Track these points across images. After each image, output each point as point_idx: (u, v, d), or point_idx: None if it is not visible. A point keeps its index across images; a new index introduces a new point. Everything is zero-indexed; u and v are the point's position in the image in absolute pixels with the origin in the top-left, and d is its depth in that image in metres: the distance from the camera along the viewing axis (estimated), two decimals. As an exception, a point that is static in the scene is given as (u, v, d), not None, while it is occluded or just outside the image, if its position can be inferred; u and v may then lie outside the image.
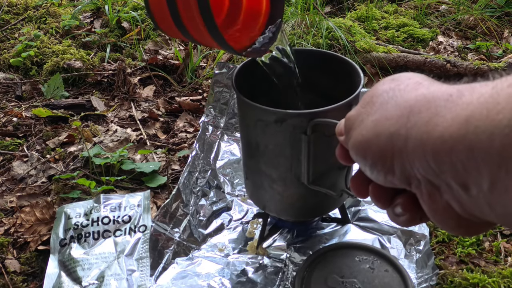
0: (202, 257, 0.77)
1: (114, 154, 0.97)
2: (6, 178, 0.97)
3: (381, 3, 1.64)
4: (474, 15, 1.51)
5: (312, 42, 1.30)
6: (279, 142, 0.65)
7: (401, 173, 0.35)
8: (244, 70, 0.72)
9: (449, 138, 0.30)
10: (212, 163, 0.96)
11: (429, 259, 0.73)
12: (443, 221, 0.35)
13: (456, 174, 0.30)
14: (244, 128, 0.70)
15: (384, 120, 0.35)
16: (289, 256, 0.77)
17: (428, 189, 0.34)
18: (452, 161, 0.30)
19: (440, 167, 0.31)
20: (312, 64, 0.77)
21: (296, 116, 0.62)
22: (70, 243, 0.78)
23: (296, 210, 0.74)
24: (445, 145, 0.30)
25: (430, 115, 0.32)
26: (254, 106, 0.64)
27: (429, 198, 0.34)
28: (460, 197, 0.31)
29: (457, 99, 0.31)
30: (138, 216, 0.82)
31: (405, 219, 0.39)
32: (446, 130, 0.30)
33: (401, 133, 0.33)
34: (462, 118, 0.29)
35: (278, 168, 0.68)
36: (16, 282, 0.75)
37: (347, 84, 0.72)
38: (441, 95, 0.32)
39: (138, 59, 1.37)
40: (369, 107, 0.38)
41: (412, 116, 0.33)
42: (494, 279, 0.73)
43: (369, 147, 0.36)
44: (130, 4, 1.61)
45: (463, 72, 1.22)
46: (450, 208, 0.33)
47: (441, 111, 0.31)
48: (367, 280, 0.70)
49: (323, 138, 0.63)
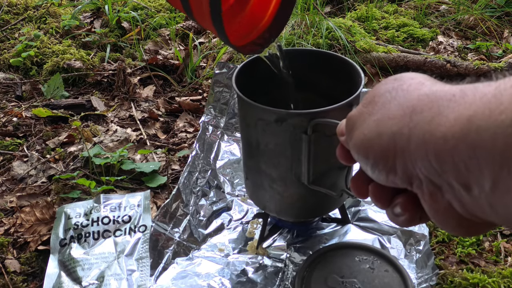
0: (202, 257, 0.77)
1: (114, 154, 0.97)
2: (6, 178, 0.97)
3: (381, 3, 1.64)
4: (474, 15, 1.51)
5: (312, 42, 1.30)
6: (280, 142, 0.65)
7: (403, 173, 0.34)
8: (244, 70, 0.72)
9: (451, 138, 0.29)
10: (212, 163, 0.96)
11: (429, 259, 0.73)
12: (444, 221, 0.35)
13: (458, 174, 0.30)
14: (244, 128, 0.70)
15: (387, 119, 0.35)
16: (289, 256, 0.77)
17: (429, 189, 0.34)
18: (454, 160, 0.30)
19: (442, 167, 0.31)
20: (312, 64, 0.77)
21: (296, 116, 0.62)
22: (70, 243, 0.78)
23: (296, 210, 0.74)
24: (448, 145, 0.30)
25: (432, 115, 0.32)
26: (255, 106, 0.63)
27: (431, 197, 0.34)
28: (461, 197, 0.31)
29: (460, 99, 0.31)
30: (138, 216, 0.82)
31: (405, 219, 0.39)
32: (448, 130, 0.30)
33: (404, 132, 0.33)
34: (464, 117, 0.29)
35: (278, 168, 0.68)
36: (16, 282, 0.75)
37: (347, 84, 0.72)
38: (444, 95, 0.32)
39: (138, 59, 1.37)
40: (371, 106, 0.38)
41: (414, 116, 0.33)
42: (494, 279, 0.73)
43: (371, 147, 0.36)
44: (130, 4, 1.61)
45: (463, 72, 1.22)
46: (451, 208, 0.33)
47: (444, 111, 0.31)
48: (367, 280, 0.70)
49: (324, 138, 0.63)
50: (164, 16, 1.55)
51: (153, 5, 1.64)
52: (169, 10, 1.63)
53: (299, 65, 0.77)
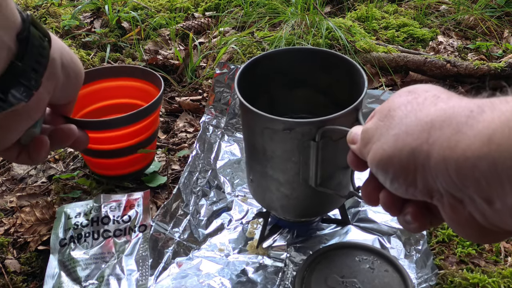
0: (202, 257, 0.77)
1: (114, 154, 0.97)
2: (6, 178, 0.97)
3: (381, 3, 1.64)
4: (474, 15, 1.51)
5: (312, 42, 1.30)
6: (287, 149, 0.65)
7: (424, 187, 0.35)
8: (245, 72, 0.72)
9: (471, 156, 0.30)
10: (212, 163, 0.96)
11: (428, 259, 0.74)
12: (466, 232, 0.35)
13: (480, 189, 0.31)
14: (250, 134, 0.69)
15: (405, 135, 0.35)
16: (289, 256, 0.77)
17: (450, 202, 0.34)
18: (475, 176, 0.30)
19: (463, 182, 0.31)
20: (311, 62, 0.77)
21: (305, 125, 0.62)
22: (70, 243, 0.78)
23: (301, 209, 0.74)
24: (468, 162, 0.30)
25: (451, 131, 0.32)
26: (261, 115, 0.63)
27: (452, 210, 0.35)
28: (483, 210, 0.32)
29: (478, 115, 0.31)
30: (138, 216, 0.82)
31: (415, 226, 0.40)
32: (468, 148, 0.30)
33: (423, 149, 0.34)
34: (484, 136, 0.30)
35: (286, 173, 0.68)
36: (16, 282, 0.75)
37: (347, 82, 0.73)
38: (462, 111, 0.33)
39: (138, 59, 1.37)
40: (388, 120, 0.38)
41: (433, 132, 0.33)
42: (494, 279, 0.73)
43: (391, 162, 0.36)
44: (130, 4, 1.61)
45: (463, 72, 1.22)
46: (473, 220, 0.34)
47: (463, 128, 0.31)
48: (367, 280, 0.70)
49: (330, 142, 0.63)
50: (164, 16, 1.56)
51: (153, 5, 1.64)
52: (169, 10, 1.63)
53: (298, 63, 0.77)
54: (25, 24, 0.45)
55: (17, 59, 0.44)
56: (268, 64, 0.76)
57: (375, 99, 1.05)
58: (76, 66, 0.55)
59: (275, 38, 1.32)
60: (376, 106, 1.03)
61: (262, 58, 0.75)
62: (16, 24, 0.44)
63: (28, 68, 0.45)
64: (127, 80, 0.96)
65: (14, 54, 0.44)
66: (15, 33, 0.44)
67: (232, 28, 1.51)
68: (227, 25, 1.51)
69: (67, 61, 0.52)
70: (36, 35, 0.46)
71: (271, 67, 0.77)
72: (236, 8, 1.59)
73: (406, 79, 1.27)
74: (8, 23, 0.43)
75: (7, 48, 0.44)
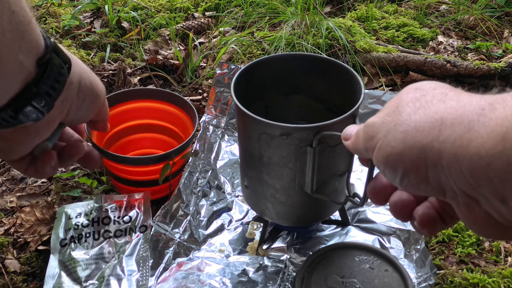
0: (203, 257, 0.77)
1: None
2: (6, 178, 0.97)
3: (381, 3, 1.64)
4: (474, 15, 1.51)
5: (312, 42, 1.30)
6: (284, 155, 0.65)
7: (436, 183, 0.34)
8: (241, 78, 0.72)
9: (485, 155, 0.30)
10: (212, 163, 0.96)
11: (426, 258, 0.74)
12: (484, 230, 0.35)
13: (494, 188, 0.30)
14: (246, 140, 0.69)
15: (415, 131, 0.35)
16: (289, 257, 0.77)
17: (465, 201, 0.34)
18: (489, 176, 0.30)
19: (477, 181, 0.31)
20: (307, 68, 0.77)
21: (302, 130, 0.62)
22: (70, 243, 0.78)
23: (297, 216, 0.74)
24: (482, 161, 0.30)
25: (463, 130, 0.31)
26: (258, 120, 0.63)
27: (467, 209, 0.34)
28: (499, 208, 0.31)
29: (490, 113, 0.31)
30: (139, 216, 0.82)
31: (426, 231, 0.41)
32: (482, 146, 0.30)
33: (434, 146, 0.33)
34: (498, 134, 0.29)
35: (282, 179, 0.68)
36: (16, 282, 0.75)
37: (343, 88, 0.72)
38: (473, 109, 0.32)
39: (138, 59, 1.37)
40: (395, 116, 0.37)
41: (444, 129, 0.33)
42: (494, 279, 0.73)
43: (401, 159, 0.36)
44: (130, 4, 1.61)
45: (463, 72, 1.22)
46: (489, 217, 0.33)
47: (475, 126, 0.31)
48: (367, 280, 0.70)
49: (327, 148, 0.63)
50: (164, 16, 1.56)
51: (153, 5, 1.64)
52: (169, 10, 1.63)
53: (294, 69, 0.77)
54: (48, 49, 0.46)
55: (33, 83, 0.45)
56: (263, 70, 0.76)
57: (376, 99, 1.05)
58: (94, 89, 0.56)
59: (275, 38, 1.32)
60: (377, 106, 1.03)
61: (257, 64, 0.75)
62: (38, 49, 0.45)
63: (43, 92, 0.46)
64: (160, 103, 0.96)
65: (32, 77, 0.45)
66: (36, 58, 0.45)
67: (232, 28, 1.51)
68: (227, 25, 1.51)
69: (85, 85, 0.54)
70: (57, 61, 0.47)
71: (266, 73, 0.76)
72: (236, 8, 1.59)
73: (406, 79, 1.27)
74: (31, 47, 0.44)
75: (27, 72, 0.45)
